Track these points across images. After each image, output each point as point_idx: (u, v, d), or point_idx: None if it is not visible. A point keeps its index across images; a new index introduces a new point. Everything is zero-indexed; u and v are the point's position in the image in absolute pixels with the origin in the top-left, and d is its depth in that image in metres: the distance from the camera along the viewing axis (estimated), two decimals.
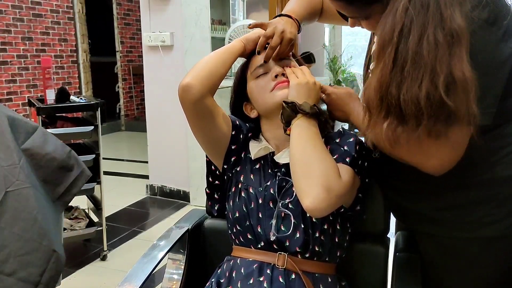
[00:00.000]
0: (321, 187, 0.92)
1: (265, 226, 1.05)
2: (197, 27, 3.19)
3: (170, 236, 1.25)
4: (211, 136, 1.11)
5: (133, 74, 6.75)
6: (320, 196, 0.91)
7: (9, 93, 4.86)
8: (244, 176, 1.12)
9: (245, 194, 1.09)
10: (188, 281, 1.27)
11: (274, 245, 1.04)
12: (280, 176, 1.07)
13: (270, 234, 1.03)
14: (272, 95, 1.07)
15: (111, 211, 3.28)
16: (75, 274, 2.44)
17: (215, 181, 1.19)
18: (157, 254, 1.18)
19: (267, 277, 1.01)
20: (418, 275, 1.04)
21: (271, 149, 1.11)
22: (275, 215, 1.04)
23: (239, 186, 1.12)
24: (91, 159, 2.43)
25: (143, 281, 1.07)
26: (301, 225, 1.02)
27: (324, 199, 0.91)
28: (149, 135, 3.65)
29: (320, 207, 0.92)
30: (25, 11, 4.97)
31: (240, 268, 1.06)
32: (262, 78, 1.10)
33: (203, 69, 1.07)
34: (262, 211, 1.06)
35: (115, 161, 4.88)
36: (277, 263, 1.02)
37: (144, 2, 3.46)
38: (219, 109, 1.11)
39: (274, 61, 1.11)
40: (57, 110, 2.45)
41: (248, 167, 1.13)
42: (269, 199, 1.06)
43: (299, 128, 1.00)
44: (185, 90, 1.05)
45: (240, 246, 1.11)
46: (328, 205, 0.92)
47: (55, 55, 5.34)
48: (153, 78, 3.50)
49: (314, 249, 1.03)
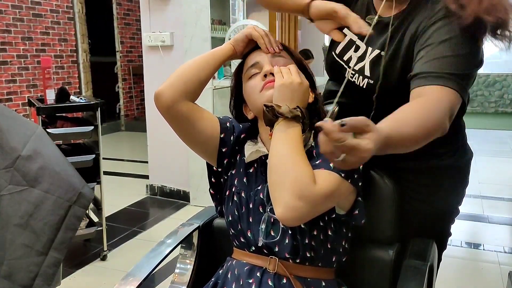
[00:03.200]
0: (292, 194, 0.88)
1: (255, 231, 1.04)
2: (197, 27, 3.19)
3: (179, 233, 1.26)
4: (195, 139, 1.11)
5: (133, 74, 6.75)
6: (290, 204, 0.88)
7: (9, 93, 4.86)
8: (238, 179, 1.11)
9: (237, 198, 1.08)
10: (197, 278, 1.28)
11: (264, 250, 1.03)
12: None
13: (259, 239, 1.02)
14: (261, 95, 1.04)
15: (111, 211, 3.27)
16: (75, 274, 2.44)
17: (217, 181, 1.19)
18: (164, 249, 1.18)
19: (256, 280, 1.00)
20: (423, 283, 1.03)
21: (263, 153, 1.08)
22: (263, 220, 1.02)
23: (232, 189, 1.11)
24: (91, 159, 2.43)
25: (147, 275, 1.08)
26: (289, 231, 1.00)
27: (295, 208, 0.88)
28: (149, 135, 3.65)
29: (291, 216, 0.88)
30: (25, 11, 4.97)
31: (234, 270, 1.06)
32: (254, 78, 1.07)
33: (177, 76, 1.07)
34: (252, 216, 1.05)
35: (115, 161, 4.88)
36: (268, 267, 1.01)
37: (144, 2, 3.46)
38: (201, 113, 1.10)
39: (267, 59, 1.08)
40: (57, 110, 2.45)
41: (242, 170, 1.11)
42: (259, 204, 1.04)
43: (279, 133, 0.97)
44: (156, 98, 1.07)
45: (237, 249, 1.11)
46: (300, 214, 0.88)
47: (55, 55, 5.34)
48: (153, 78, 3.51)
49: (305, 254, 1.01)
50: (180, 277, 1.28)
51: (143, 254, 1.20)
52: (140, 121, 6.50)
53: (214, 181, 1.18)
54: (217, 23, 3.47)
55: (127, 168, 4.65)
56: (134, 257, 2.53)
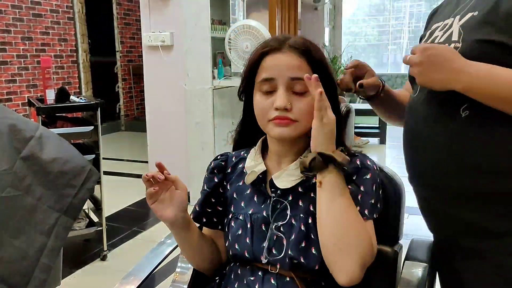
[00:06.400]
0: (358, 264, 0.87)
1: (255, 248, 1.01)
2: (197, 27, 3.19)
3: None
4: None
5: (133, 74, 6.75)
6: (356, 274, 0.87)
7: (9, 93, 4.86)
8: (234, 206, 1.09)
9: (234, 223, 1.06)
10: (198, 278, 1.28)
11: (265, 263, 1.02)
12: (275, 198, 1.02)
13: (262, 257, 1.00)
14: (270, 126, 0.97)
15: (111, 211, 3.28)
16: (75, 274, 2.44)
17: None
18: (164, 249, 1.19)
19: (258, 278, 1.00)
20: (424, 283, 1.02)
21: (258, 173, 1.04)
22: (267, 238, 1.00)
23: (229, 216, 1.09)
24: (91, 159, 2.43)
25: (147, 274, 1.08)
26: (289, 252, 0.98)
27: (360, 276, 0.88)
28: (149, 135, 3.65)
29: (355, 282, 0.89)
30: (25, 11, 4.97)
31: (237, 270, 1.06)
32: (266, 97, 0.97)
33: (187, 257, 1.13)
34: (255, 234, 1.02)
35: (115, 161, 4.88)
36: (271, 269, 1.00)
37: (144, 2, 3.46)
38: (219, 242, 1.13)
39: (282, 81, 0.96)
40: (57, 110, 2.45)
41: (237, 195, 1.09)
42: (261, 222, 1.02)
43: (330, 186, 0.88)
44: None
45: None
46: (361, 277, 0.89)
47: (55, 55, 5.34)
48: (153, 78, 3.49)
49: (310, 269, 0.99)
50: (181, 276, 1.28)
51: (143, 254, 1.20)
52: (140, 121, 6.50)
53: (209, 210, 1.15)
54: (217, 23, 3.47)
55: (127, 168, 4.65)
56: (134, 257, 2.53)
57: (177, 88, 3.34)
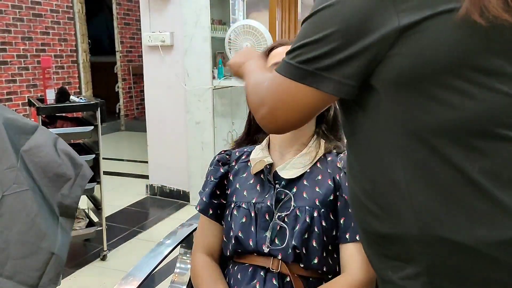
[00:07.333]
0: None
1: (258, 238, 1.03)
2: (197, 27, 3.19)
3: (179, 233, 1.27)
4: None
5: (133, 74, 6.75)
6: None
7: (9, 93, 4.86)
8: (236, 195, 1.11)
9: (237, 212, 1.08)
10: None
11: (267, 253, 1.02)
12: (279, 188, 1.05)
13: (264, 246, 1.01)
14: None
15: (111, 211, 3.27)
16: (75, 274, 2.44)
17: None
18: (164, 250, 1.20)
19: (260, 280, 1.00)
20: None
21: (267, 162, 1.07)
22: (270, 227, 1.02)
23: (231, 206, 1.10)
24: (91, 159, 2.43)
25: (147, 275, 1.08)
26: (293, 242, 0.99)
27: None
28: (149, 135, 3.65)
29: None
30: (25, 11, 4.97)
31: (237, 275, 1.06)
32: None
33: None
34: (258, 224, 1.04)
35: (115, 161, 4.88)
36: (272, 266, 1.01)
37: (144, 2, 3.46)
38: (214, 238, 1.15)
39: None
40: (57, 110, 2.45)
41: (239, 186, 1.12)
42: (265, 211, 1.04)
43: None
44: None
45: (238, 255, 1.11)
46: None
47: (55, 55, 5.34)
48: (153, 78, 3.50)
49: (310, 262, 1.00)
50: (180, 277, 1.28)
51: (143, 254, 1.20)
52: (140, 121, 6.50)
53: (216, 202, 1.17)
54: (217, 23, 3.47)
55: (127, 168, 4.65)
56: (134, 257, 2.53)
57: (177, 88, 3.34)
